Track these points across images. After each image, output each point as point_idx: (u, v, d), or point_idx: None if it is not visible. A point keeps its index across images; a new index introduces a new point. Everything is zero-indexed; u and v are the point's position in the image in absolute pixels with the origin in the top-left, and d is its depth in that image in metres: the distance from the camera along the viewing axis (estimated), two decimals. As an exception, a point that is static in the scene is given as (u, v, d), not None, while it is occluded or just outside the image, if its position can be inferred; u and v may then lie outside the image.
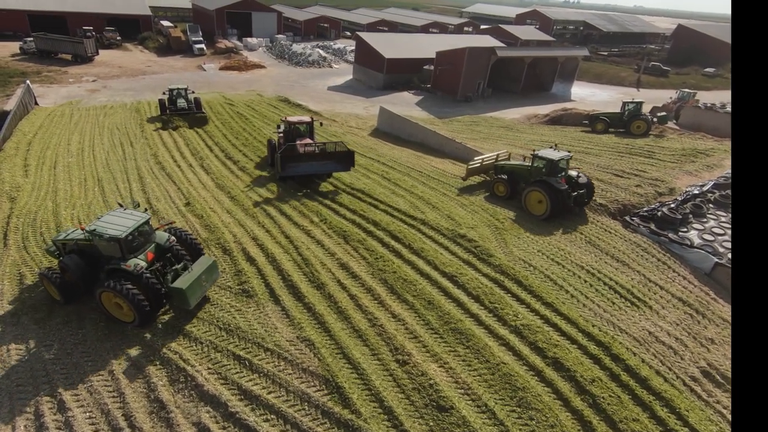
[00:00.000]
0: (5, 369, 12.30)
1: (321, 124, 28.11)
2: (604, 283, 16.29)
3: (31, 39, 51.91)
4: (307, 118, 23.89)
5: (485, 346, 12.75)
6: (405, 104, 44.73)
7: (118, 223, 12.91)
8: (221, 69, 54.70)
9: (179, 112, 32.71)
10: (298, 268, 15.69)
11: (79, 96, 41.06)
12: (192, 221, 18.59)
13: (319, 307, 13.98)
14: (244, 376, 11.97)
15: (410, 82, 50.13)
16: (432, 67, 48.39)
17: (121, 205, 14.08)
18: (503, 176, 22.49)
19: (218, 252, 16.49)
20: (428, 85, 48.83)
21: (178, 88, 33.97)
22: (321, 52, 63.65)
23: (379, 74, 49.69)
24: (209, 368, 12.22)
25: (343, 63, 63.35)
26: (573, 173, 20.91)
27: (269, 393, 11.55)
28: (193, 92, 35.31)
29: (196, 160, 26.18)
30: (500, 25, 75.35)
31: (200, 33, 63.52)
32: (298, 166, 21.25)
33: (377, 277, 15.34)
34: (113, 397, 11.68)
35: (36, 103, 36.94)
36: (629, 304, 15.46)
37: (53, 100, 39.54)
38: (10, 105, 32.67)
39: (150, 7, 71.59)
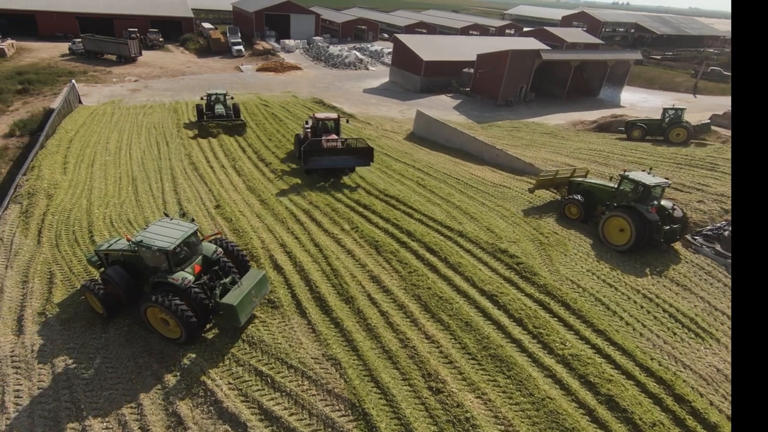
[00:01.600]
0: (28, 371, 11.99)
1: (347, 121, 29.11)
2: (663, 310, 14.58)
3: (80, 40, 53.95)
4: (333, 115, 25.05)
5: (528, 377, 11.43)
6: (442, 108, 43.47)
7: (166, 234, 12.29)
8: (258, 70, 55.12)
9: (217, 118, 31.33)
10: (327, 279, 14.82)
11: (121, 95, 42.08)
12: (221, 224, 18.10)
13: (348, 322, 13.03)
14: (265, 395, 11.17)
15: (448, 86, 48.83)
16: (472, 71, 46.93)
17: (166, 215, 13.51)
18: (578, 196, 19.62)
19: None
20: (467, 89, 47.39)
21: (216, 93, 32.61)
22: (358, 54, 63.27)
23: (416, 77, 48.66)
24: (230, 383, 11.49)
25: (379, 65, 62.72)
26: (667, 204, 18.07)
27: (291, 415, 10.69)
28: (232, 98, 34.44)
29: (229, 161, 25.93)
30: (545, 28, 72.54)
31: (239, 35, 64.45)
32: (321, 159, 22.43)
33: (410, 293, 14.26)
34: (131, 408, 11.13)
35: (80, 102, 38.03)
36: (693, 336, 13.73)
37: (97, 98, 40.64)
38: (56, 103, 33.63)
39: (192, 9, 73.40)
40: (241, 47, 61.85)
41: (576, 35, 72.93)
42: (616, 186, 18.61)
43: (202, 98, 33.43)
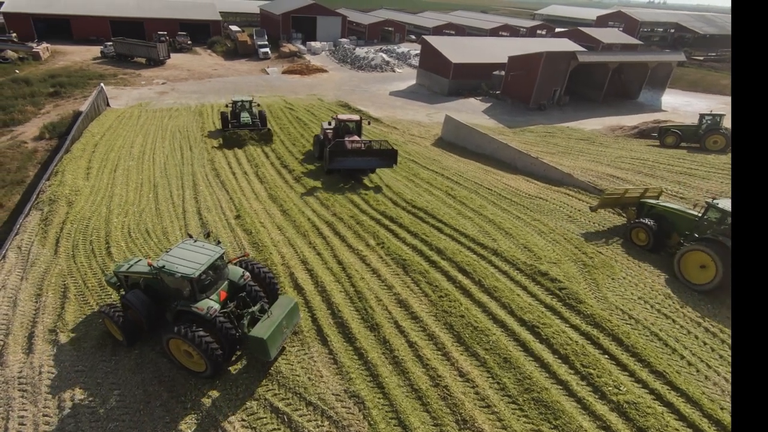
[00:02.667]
0: (34, 395, 11.28)
1: (369, 123, 29.15)
2: (730, 347, 12.80)
3: (111, 43, 54.77)
4: (356, 117, 25.11)
5: (579, 429, 9.97)
6: (471, 112, 41.89)
7: (190, 258, 11.34)
8: (284, 73, 54.73)
9: (243, 127, 29.78)
10: (350, 302, 13.66)
11: (149, 98, 42.22)
12: (240, 237, 17.21)
13: (372, 354, 11.83)
14: (281, 436, 10.10)
15: (478, 89, 47.16)
16: (502, 73, 45.16)
17: (190, 236, 12.61)
18: (649, 221, 17.24)
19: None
20: (497, 92, 45.63)
21: (242, 100, 31.26)
22: (384, 56, 62.22)
23: (444, 79, 47.19)
24: (243, 420, 10.47)
25: (406, 67, 61.48)
26: None
27: (309, 462, 9.57)
28: (258, 105, 33.24)
29: (252, 168, 25.17)
30: (579, 28, 69.58)
31: (266, 37, 64.38)
32: (345, 160, 22.32)
33: (441, 321, 12.95)
34: (138, 443, 10.25)
35: (108, 105, 38.21)
36: None
37: (125, 101, 40.86)
38: (84, 107, 33.75)
39: (220, 12, 73.89)
40: (267, 50, 61.71)
41: (612, 36, 69.75)
42: (699, 214, 16.11)
43: (227, 105, 32.03)
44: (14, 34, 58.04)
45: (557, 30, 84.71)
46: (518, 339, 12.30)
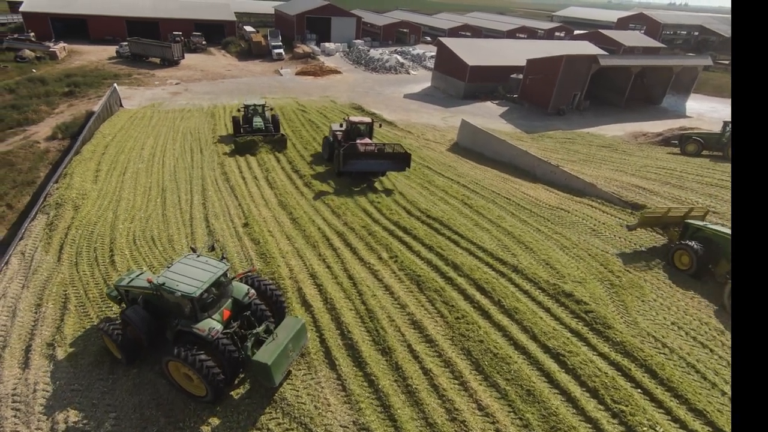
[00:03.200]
0: (27, 415, 10.71)
1: (380, 125, 28.60)
2: (775, 382, 11.66)
3: (126, 43, 54.89)
4: (367, 119, 24.95)
5: (612, 475, 9.00)
6: (488, 116, 40.81)
7: (192, 274, 10.65)
8: (297, 74, 54.25)
9: (255, 133, 28.29)
10: (361, 321, 12.84)
11: (162, 98, 42.00)
12: (247, 247, 16.51)
13: (384, 381, 10.99)
14: (284, 472, 9.32)
15: (494, 92, 46.04)
16: (520, 76, 43.98)
17: (193, 250, 11.91)
18: (695, 244, 15.61)
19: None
20: (515, 96, 44.45)
21: (254, 105, 29.81)
22: (399, 57, 61.39)
23: (460, 82, 46.18)
24: (244, 451, 9.71)
25: (421, 69, 60.57)
26: None
27: (313, 502, 8.77)
28: (271, 109, 32.17)
29: (262, 172, 24.54)
30: (600, 30, 67.66)
31: (280, 38, 64.02)
32: (358, 162, 22.13)
33: (458, 346, 12.06)
34: (131, 472, 9.57)
35: (120, 105, 38.04)
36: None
37: (138, 101, 40.69)
38: (97, 107, 33.54)
39: (235, 13, 73.83)
40: (281, 51, 61.34)
41: (634, 38, 67.83)
42: None
43: (239, 110, 30.52)
44: (32, 34, 58.57)
45: (576, 32, 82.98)
46: (542, 368, 11.36)
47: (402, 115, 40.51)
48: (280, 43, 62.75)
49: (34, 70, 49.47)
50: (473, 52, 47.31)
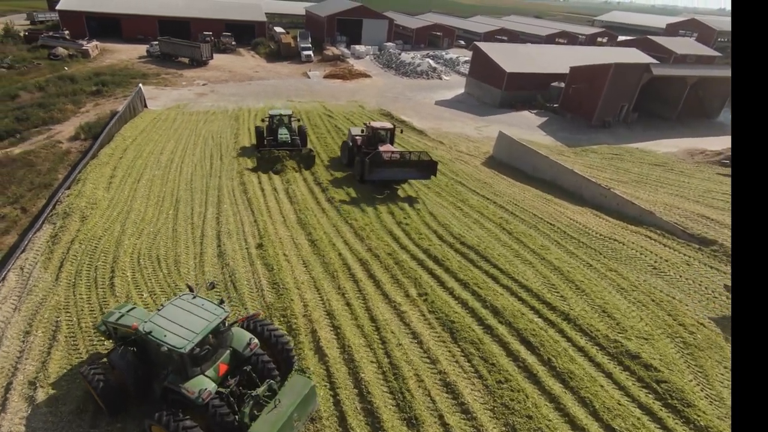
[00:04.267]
0: (-5, 472, 9.13)
1: (401, 131, 27.31)
2: None
3: (156, 42, 54.70)
4: (389, 125, 24.33)
5: None
6: (526, 127, 38.23)
7: (184, 323, 9.02)
8: (325, 77, 52.83)
9: (280, 146, 25.44)
10: (383, 378, 10.83)
11: (187, 99, 41.20)
12: (259, 274, 14.75)
13: (409, 464, 8.94)
14: None
15: (533, 101, 43.33)
16: (562, 85, 41.18)
17: (191, 289, 10.25)
18: None
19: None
20: (555, 105, 41.66)
21: (280, 115, 27.09)
22: (431, 62, 59.22)
23: (496, 90, 43.68)
24: None
25: (454, 74, 58.24)
26: None
27: None
28: (298, 120, 29.57)
29: (282, 183, 22.91)
30: (649, 37, 63.24)
31: (310, 39, 62.86)
32: (383, 171, 21.40)
33: (501, 420, 9.89)
34: None
35: (145, 106, 37.32)
36: None
37: (163, 102, 39.98)
38: (121, 108, 32.77)
39: (266, 13, 73.21)
40: (310, 52, 60.14)
41: (686, 46, 63.28)
42: None
43: (263, 120, 27.93)
44: (67, 32, 59.23)
45: (620, 38, 78.70)
46: (608, 460, 9.08)
47: (433, 123, 38.40)
48: (310, 45, 61.56)
49: (66, 68, 49.70)
50: (511, 58, 44.74)
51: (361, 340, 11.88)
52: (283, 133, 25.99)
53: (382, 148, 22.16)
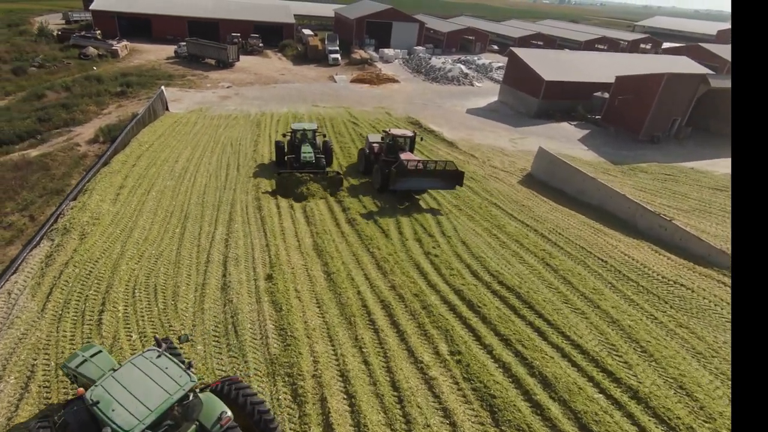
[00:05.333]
0: None
1: (422, 139, 26.46)
2: None
3: (184, 43, 54.14)
4: (409, 132, 23.45)
5: None
6: (565, 140, 35.40)
7: (140, 394, 7.27)
8: (352, 81, 51.05)
9: (303, 168, 22.53)
10: (407, 476, 8.62)
11: (210, 102, 40.07)
12: (265, 315, 12.78)
13: None
14: None
15: (572, 112, 40.37)
16: (606, 95, 38.11)
17: (158, 344, 8.48)
18: None
19: (285, 394, 10.21)
20: (597, 117, 38.61)
21: (304, 129, 24.13)
22: (462, 67, 56.69)
23: (533, 99, 40.92)
24: None
25: (486, 81, 55.58)
26: None
27: None
28: (324, 135, 26.51)
29: (300, 198, 21.01)
30: (701, 44, 58.85)
31: (338, 42, 61.31)
32: (408, 180, 20.46)
33: None
34: None
35: (167, 109, 36.25)
36: None
37: (186, 105, 38.94)
38: (141, 111, 31.69)
39: (295, 15, 72.14)
40: (337, 56, 58.54)
41: (737, 54, 58.25)
42: None
43: (284, 134, 25.20)
44: (98, 32, 59.47)
45: (665, 45, 74.17)
46: None
47: (464, 133, 36.00)
48: (337, 48, 59.97)
49: (94, 68, 49.56)
50: (549, 65, 41.90)
51: (380, 416, 9.71)
52: (307, 152, 23.06)
53: (403, 156, 21.06)
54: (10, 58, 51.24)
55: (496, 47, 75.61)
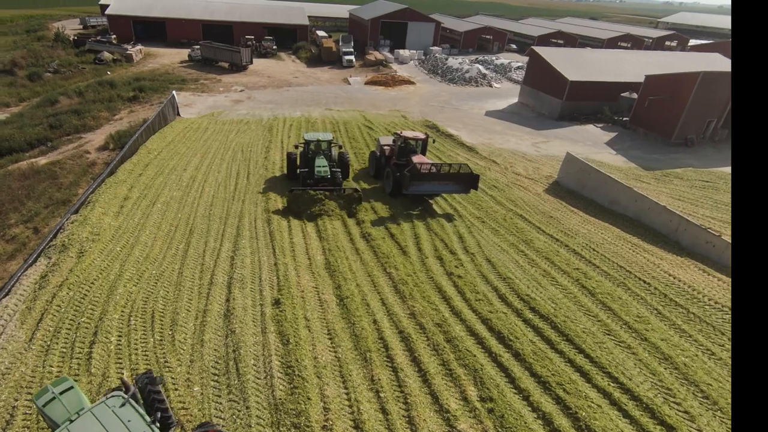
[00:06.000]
0: None
1: (434, 141, 25.73)
2: None
3: (198, 47, 53.58)
4: (421, 135, 22.37)
5: None
6: (591, 143, 33.48)
7: None
8: (367, 83, 49.75)
9: (317, 184, 20.54)
10: None
11: (223, 107, 39.22)
12: (271, 349, 11.47)
13: None
14: None
15: (598, 113, 38.33)
16: (634, 95, 36.04)
17: (125, 387, 7.36)
18: None
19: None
20: (625, 119, 36.53)
21: (318, 140, 22.02)
22: (480, 68, 54.88)
23: (556, 100, 39.00)
24: None
25: (506, 82, 53.70)
26: None
27: None
28: (340, 147, 24.17)
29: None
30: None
31: (352, 44, 60.11)
32: (422, 185, 19.70)
33: None
34: None
35: (178, 114, 35.45)
36: None
37: (198, 110, 38.15)
38: (150, 116, 30.89)
39: (309, 17, 71.18)
40: (352, 57, 57.32)
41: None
42: None
43: (296, 146, 23.17)
44: (114, 36, 59.41)
45: (692, 42, 71.13)
46: None
47: (484, 137, 34.36)
48: (352, 50, 58.76)
49: (108, 73, 49.32)
50: (573, 65, 39.93)
51: (400, 482, 8.28)
52: (321, 166, 20.95)
53: (415, 159, 20.27)
54: (26, 64, 51.35)
55: (514, 46, 73.51)
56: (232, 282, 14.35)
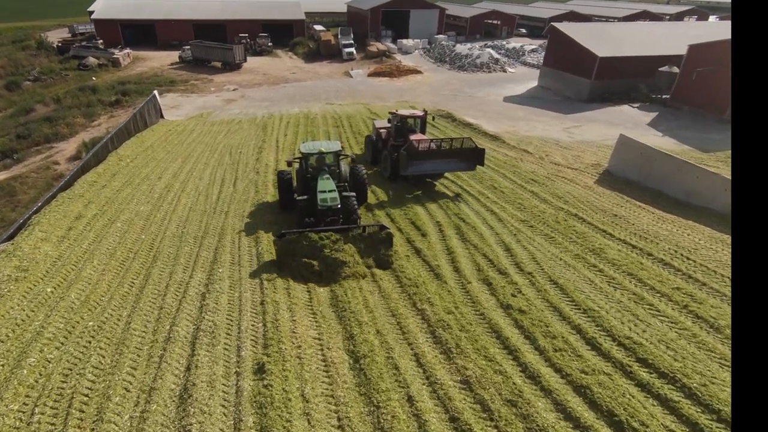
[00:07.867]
0: None
1: (434, 118, 23.71)
2: None
3: (189, 47, 49.80)
4: (419, 112, 20.89)
5: None
6: (631, 125, 28.93)
7: None
8: (370, 75, 45.52)
9: (322, 219, 13.69)
10: None
11: (213, 107, 35.27)
12: (247, 457, 7.14)
13: None
14: None
15: (632, 92, 33.66)
16: (674, 70, 31.35)
17: None
18: None
19: None
20: (665, 96, 31.86)
21: (320, 152, 15.29)
22: (492, 52, 50.33)
23: (584, 80, 34.37)
24: None
25: (520, 66, 49.14)
26: None
27: None
28: (353, 159, 17.56)
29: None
30: None
31: (352, 36, 55.91)
32: (422, 164, 18.06)
33: None
34: None
35: (161, 116, 31.45)
36: None
37: (186, 111, 34.25)
38: (122, 121, 26.86)
39: (306, 12, 67.16)
40: (352, 49, 53.17)
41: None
42: None
43: (289, 163, 16.08)
44: (100, 41, 55.79)
45: (712, 18, 66.03)
46: None
47: (506, 124, 29.97)
48: (352, 42, 54.57)
49: (93, 78, 45.60)
50: (600, 40, 35.33)
51: None
52: (328, 190, 14.03)
53: (413, 137, 18.55)
54: (5, 73, 47.92)
55: (524, 31, 68.83)
56: (198, 335, 10.06)
